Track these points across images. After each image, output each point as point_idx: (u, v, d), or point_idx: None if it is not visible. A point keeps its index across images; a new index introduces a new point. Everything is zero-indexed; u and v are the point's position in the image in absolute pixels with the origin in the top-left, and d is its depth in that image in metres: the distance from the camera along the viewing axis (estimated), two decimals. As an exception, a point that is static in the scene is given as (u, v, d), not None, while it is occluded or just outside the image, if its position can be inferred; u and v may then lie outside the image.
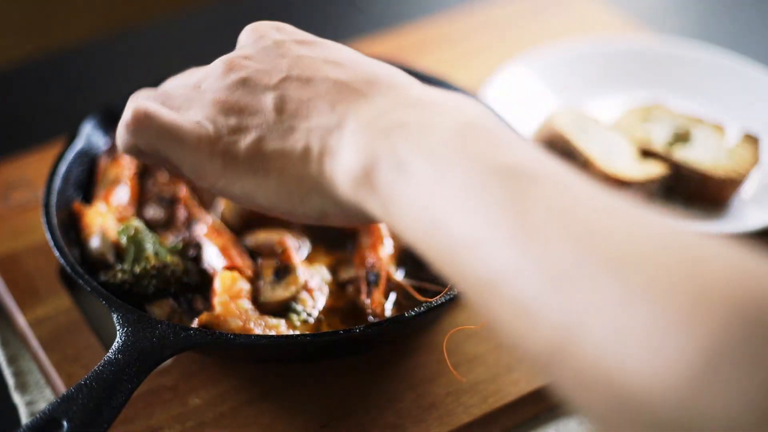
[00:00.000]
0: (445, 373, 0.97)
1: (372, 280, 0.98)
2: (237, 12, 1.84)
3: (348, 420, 0.93)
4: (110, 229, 1.01)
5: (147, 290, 0.95)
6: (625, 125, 1.26)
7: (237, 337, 0.85)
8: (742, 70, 1.39)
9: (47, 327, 1.02)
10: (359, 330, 0.86)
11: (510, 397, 0.95)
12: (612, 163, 1.16)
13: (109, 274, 0.96)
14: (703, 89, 1.39)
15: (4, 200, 1.21)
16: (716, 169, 1.18)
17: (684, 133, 1.24)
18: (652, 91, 1.38)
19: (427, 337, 1.01)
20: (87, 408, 0.76)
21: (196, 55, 1.69)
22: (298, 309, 0.96)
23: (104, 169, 1.12)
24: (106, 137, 1.15)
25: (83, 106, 1.34)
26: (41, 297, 1.06)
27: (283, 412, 0.93)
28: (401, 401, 0.95)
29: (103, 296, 0.89)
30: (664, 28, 1.64)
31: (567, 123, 1.22)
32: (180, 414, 0.93)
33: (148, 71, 1.60)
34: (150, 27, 1.81)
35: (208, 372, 0.98)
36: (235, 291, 0.95)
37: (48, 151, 1.26)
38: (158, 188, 1.12)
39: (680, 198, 1.21)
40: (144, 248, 0.98)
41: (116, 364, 0.80)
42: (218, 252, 1.00)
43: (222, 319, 0.91)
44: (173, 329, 0.85)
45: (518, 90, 1.36)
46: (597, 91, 1.40)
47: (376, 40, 1.60)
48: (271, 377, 0.97)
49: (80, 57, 1.68)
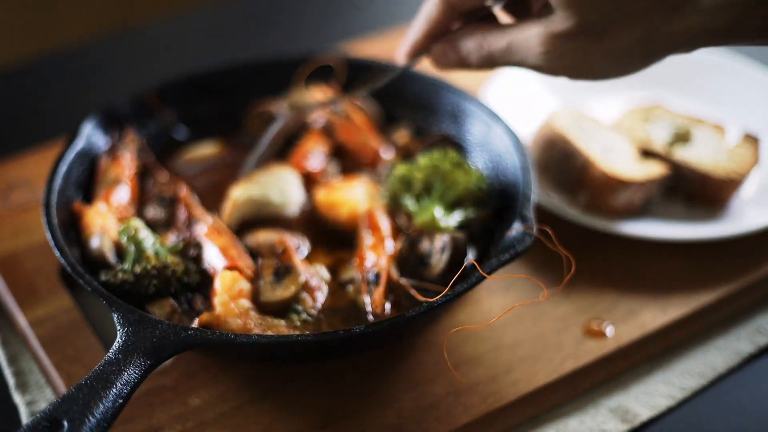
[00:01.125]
0: (445, 373, 0.97)
1: (372, 280, 0.98)
2: (237, 12, 1.84)
3: (348, 420, 0.93)
4: (111, 229, 1.02)
5: (147, 290, 0.95)
6: (625, 125, 1.26)
7: (237, 337, 0.85)
8: (742, 70, 1.39)
9: (47, 327, 1.02)
10: (359, 330, 0.86)
11: (510, 397, 0.95)
12: (612, 163, 1.16)
13: (109, 274, 0.96)
14: (703, 89, 1.39)
15: (4, 200, 1.21)
16: (716, 169, 1.18)
17: (684, 133, 1.24)
18: (652, 91, 1.38)
19: (427, 337, 1.01)
20: (87, 408, 0.76)
21: (196, 55, 1.70)
22: (299, 309, 0.96)
23: (104, 169, 1.12)
24: (106, 137, 1.15)
25: (83, 106, 1.34)
26: (41, 297, 1.06)
27: (283, 412, 0.94)
28: (401, 401, 0.95)
29: (103, 296, 0.89)
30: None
31: (567, 123, 1.22)
32: (180, 414, 0.93)
33: (148, 71, 1.60)
34: (150, 27, 1.81)
35: (208, 372, 0.98)
36: (235, 291, 0.96)
37: (48, 151, 1.26)
38: (158, 188, 1.12)
39: (680, 198, 1.21)
40: (144, 248, 0.98)
41: (117, 364, 0.81)
42: (218, 252, 1.00)
43: (222, 319, 0.91)
44: (173, 329, 0.85)
45: (518, 90, 1.36)
46: (597, 91, 1.40)
47: (376, 40, 1.60)
48: (271, 377, 0.97)
49: (80, 57, 1.68)
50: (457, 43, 0.96)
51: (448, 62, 0.98)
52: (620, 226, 1.13)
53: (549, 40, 0.87)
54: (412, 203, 1.06)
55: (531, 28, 0.89)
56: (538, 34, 0.88)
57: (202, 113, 1.24)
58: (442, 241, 0.99)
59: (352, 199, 1.09)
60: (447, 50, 0.97)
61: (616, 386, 1.01)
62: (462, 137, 1.18)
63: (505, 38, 0.91)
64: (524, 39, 0.89)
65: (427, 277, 0.99)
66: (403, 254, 1.01)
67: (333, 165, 1.18)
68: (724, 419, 0.98)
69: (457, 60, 0.97)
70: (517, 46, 0.90)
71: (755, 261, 1.12)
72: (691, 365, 1.04)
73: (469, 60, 0.96)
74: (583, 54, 0.87)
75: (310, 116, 1.21)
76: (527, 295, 1.07)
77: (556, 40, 0.87)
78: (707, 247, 1.14)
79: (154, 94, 1.20)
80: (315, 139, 1.19)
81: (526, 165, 1.05)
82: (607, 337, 1.02)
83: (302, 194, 1.12)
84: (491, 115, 1.14)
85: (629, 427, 0.97)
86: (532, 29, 0.89)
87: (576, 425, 0.97)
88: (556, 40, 0.87)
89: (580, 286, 1.08)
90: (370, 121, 1.23)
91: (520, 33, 0.90)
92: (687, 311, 1.06)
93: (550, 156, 1.22)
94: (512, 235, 0.94)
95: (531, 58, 0.90)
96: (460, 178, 1.06)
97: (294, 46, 1.62)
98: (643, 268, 1.12)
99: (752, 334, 1.08)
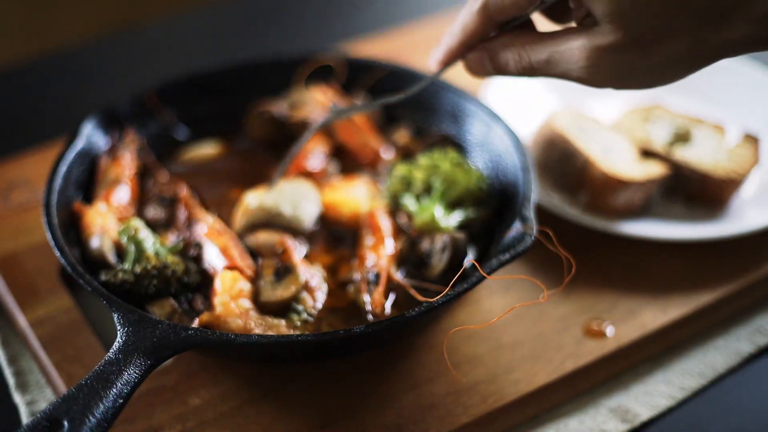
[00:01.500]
0: (445, 373, 0.97)
1: (372, 280, 0.98)
2: (237, 12, 1.84)
3: (348, 420, 0.93)
4: (111, 229, 1.02)
5: (147, 290, 0.95)
6: (625, 125, 1.26)
7: (237, 337, 0.85)
8: (742, 70, 1.39)
9: (47, 327, 1.02)
10: (359, 330, 0.86)
11: (510, 397, 0.95)
12: (612, 163, 1.16)
13: (109, 274, 0.96)
14: (703, 89, 1.39)
15: (4, 200, 1.21)
16: (716, 169, 1.18)
17: (684, 133, 1.24)
18: (652, 91, 1.38)
19: (427, 337, 1.01)
20: (87, 408, 0.76)
21: (196, 55, 1.70)
22: (299, 309, 0.96)
23: (105, 169, 1.12)
24: (106, 137, 1.15)
25: (83, 106, 1.34)
26: (41, 297, 1.06)
27: (283, 412, 0.94)
28: (401, 401, 0.95)
29: (103, 296, 0.89)
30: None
31: (567, 123, 1.22)
32: (180, 414, 0.93)
33: (148, 71, 1.60)
34: (150, 27, 1.81)
35: (208, 372, 0.98)
36: (235, 291, 0.96)
37: (48, 151, 1.26)
38: (158, 188, 1.12)
39: (680, 198, 1.21)
40: (144, 248, 0.98)
41: (117, 364, 0.81)
42: (219, 252, 1.00)
43: (222, 319, 0.91)
44: (173, 329, 0.85)
45: (518, 90, 1.36)
46: (597, 91, 1.40)
47: (375, 40, 1.60)
48: (271, 377, 0.97)
49: (80, 57, 1.68)
50: (495, 54, 0.93)
51: (485, 71, 0.95)
52: (620, 226, 1.13)
53: (593, 54, 0.84)
54: (412, 203, 1.06)
55: (574, 40, 0.85)
56: (582, 47, 0.84)
57: (202, 113, 1.24)
58: (442, 241, 0.99)
59: (352, 198, 1.09)
60: (484, 59, 0.94)
61: (616, 386, 1.01)
62: (462, 137, 1.18)
63: (546, 50, 0.88)
64: (567, 51, 0.86)
65: (428, 277, 0.99)
66: (403, 254, 1.01)
67: (333, 165, 1.18)
68: (724, 419, 0.98)
69: (494, 69, 0.94)
70: (559, 59, 0.87)
71: (755, 261, 1.12)
72: (691, 365, 1.04)
73: (508, 70, 0.93)
74: (628, 66, 0.84)
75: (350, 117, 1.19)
76: (527, 295, 1.07)
77: (601, 52, 0.83)
78: (707, 247, 1.14)
79: (154, 94, 1.20)
80: (315, 139, 1.19)
81: (526, 165, 1.05)
82: (607, 337, 1.02)
83: (317, 211, 1.10)
84: (491, 115, 1.14)
85: (629, 427, 0.97)
86: (575, 41, 0.85)
87: (576, 425, 0.97)
88: (601, 52, 0.83)
89: (580, 286, 1.08)
90: (370, 121, 1.23)
91: (562, 45, 0.87)
92: (687, 311, 1.06)
93: (550, 156, 1.22)
94: (512, 235, 0.94)
95: (574, 71, 0.87)
96: (460, 178, 1.06)
97: (294, 46, 1.62)
98: (643, 268, 1.12)
99: (752, 334, 1.08)
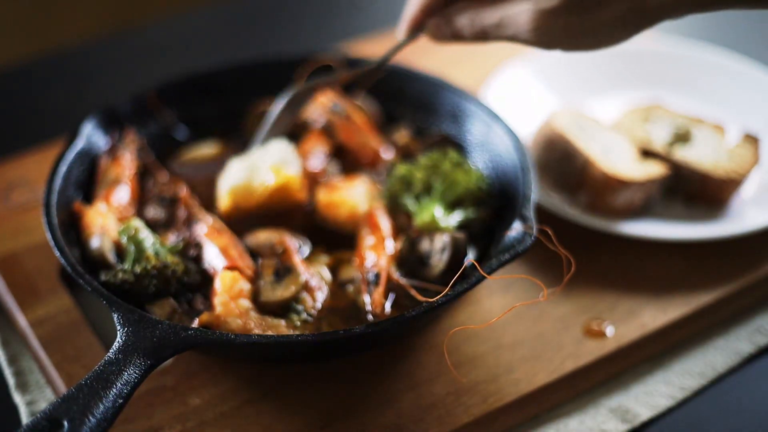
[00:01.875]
0: (445, 373, 0.97)
1: (372, 280, 0.98)
2: (237, 12, 1.84)
3: (348, 420, 0.93)
4: (111, 229, 1.02)
5: (147, 290, 0.95)
6: (625, 125, 1.26)
7: (237, 337, 0.85)
8: (742, 70, 1.39)
9: (47, 327, 1.02)
10: (359, 330, 0.86)
11: (510, 397, 0.95)
12: (612, 163, 1.16)
13: (109, 274, 0.96)
14: (703, 89, 1.39)
15: (4, 200, 1.21)
16: (716, 169, 1.18)
17: (684, 133, 1.24)
18: (652, 91, 1.38)
19: (427, 337, 1.01)
20: (87, 408, 0.76)
21: (196, 55, 1.70)
22: (299, 309, 0.96)
23: (105, 169, 1.12)
24: (106, 137, 1.15)
25: (83, 106, 1.34)
26: (41, 297, 1.06)
27: (283, 412, 0.94)
28: (401, 401, 0.95)
29: (103, 296, 0.89)
30: (664, 28, 1.64)
31: (567, 123, 1.22)
32: (180, 414, 0.93)
33: (148, 71, 1.60)
34: (150, 27, 1.81)
35: (208, 372, 0.98)
36: (235, 291, 0.96)
37: (48, 151, 1.26)
38: (158, 188, 1.12)
39: (680, 198, 1.21)
40: (144, 248, 0.98)
41: (117, 364, 0.81)
42: (219, 252, 1.00)
43: (222, 319, 0.91)
44: (173, 329, 0.85)
45: (518, 90, 1.36)
46: (597, 91, 1.40)
47: (376, 40, 1.60)
48: (271, 377, 0.97)
49: (80, 57, 1.68)
50: (451, 18, 1.00)
51: (443, 36, 1.02)
52: (620, 226, 1.13)
53: (538, 17, 0.90)
54: (412, 203, 1.06)
55: (521, 4, 0.92)
56: (528, 11, 0.91)
57: (202, 113, 1.24)
58: (442, 241, 0.99)
59: (352, 199, 1.09)
60: (441, 25, 1.01)
61: (616, 386, 1.01)
62: (462, 137, 1.18)
63: (497, 14, 0.94)
64: (515, 15, 0.92)
65: (427, 277, 0.99)
66: (403, 254, 1.01)
67: (333, 165, 1.18)
68: (724, 419, 0.98)
69: (451, 34, 1.01)
70: (508, 22, 0.93)
71: (755, 261, 1.12)
72: (691, 365, 1.04)
73: (463, 34, 0.99)
74: (572, 28, 0.90)
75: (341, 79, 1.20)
76: (527, 295, 1.07)
77: (545, 16, 0.90)
78: (707, 247, 1.14)
79: (154, 94, 1.20)
80: (315, 139, 1.19)
81: (526, 165, 1.05)
82: (607, 337, 1.02)
83: (299, 171, 1.11)
84: (491, 115, 1.14)
85: (629, 427, 0.97)
86: (522, 5, 0.92)
87: (576, 425, 0.97)
88: (545, 16, 0.90)
89: (580, 286, 1.08)
90: (370, 121, 1.23)
91: (511, 9, 0.93)
92: (687, 311, 1.06)
93: (550, 156, 1.22)
94: (512, 235, 0.94)
95: (522, 33, 0.93)
96: (460, 178, 1.06)
97: (294, 46, 1.62)
98: (643, 268, 1.12)
99: (752, 334, 1.08)
